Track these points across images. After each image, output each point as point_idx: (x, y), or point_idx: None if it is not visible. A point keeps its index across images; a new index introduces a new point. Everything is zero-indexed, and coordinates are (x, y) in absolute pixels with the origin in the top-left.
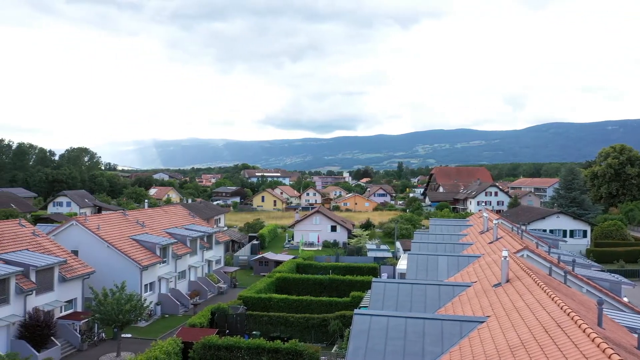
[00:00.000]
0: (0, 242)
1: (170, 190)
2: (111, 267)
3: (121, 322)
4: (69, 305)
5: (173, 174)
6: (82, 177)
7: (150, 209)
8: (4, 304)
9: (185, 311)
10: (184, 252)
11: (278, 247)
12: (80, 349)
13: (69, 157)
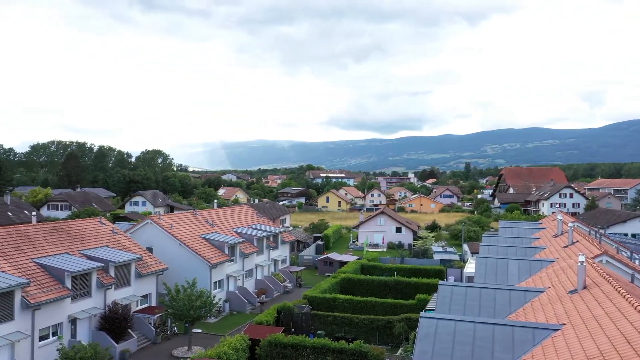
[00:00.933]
0: (83, 239)
1: (238, 191)
2: (183, 264)
3: (192, 317)
4: (144, 299)
5: (241, 174)
6: (156, 177)
7: (219, 208)
8: (87, 297)
9: (252, 309)
10: (251, 251)
11: (342, 248)
12: (154, 341)
13: (144, 159)
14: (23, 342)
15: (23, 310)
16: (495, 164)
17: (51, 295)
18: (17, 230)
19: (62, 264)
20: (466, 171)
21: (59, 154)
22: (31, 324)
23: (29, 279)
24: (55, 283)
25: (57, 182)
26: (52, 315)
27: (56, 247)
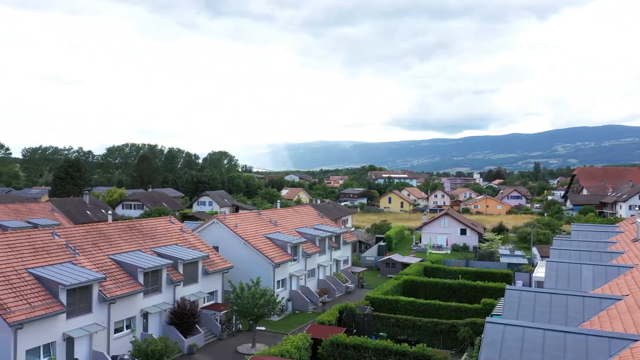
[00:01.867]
0: (154, 237)
1: (301, 191)
2: (247, 263)
3: (256, 315)
4: (210, 296)
5: (303, 175)
6: (222, 178)
7: (282, 208)
8: (157, 293)
9: (314, 308)
10: (314, 251)
11: (405, 249)
12: (220, 337)
13: (210, 160)
14: (100, 333)
15: (100, 303)
16: (567, 164)
17: (125, 290)
18: (95, 228)
19: (135, 261)
20: (535, 171)
21: (132, 156)
22: (107, 317)
23: (105, 274)
24: (129, 278)
25: (131, 183)
26: (126, 309)
27: (130, 244)
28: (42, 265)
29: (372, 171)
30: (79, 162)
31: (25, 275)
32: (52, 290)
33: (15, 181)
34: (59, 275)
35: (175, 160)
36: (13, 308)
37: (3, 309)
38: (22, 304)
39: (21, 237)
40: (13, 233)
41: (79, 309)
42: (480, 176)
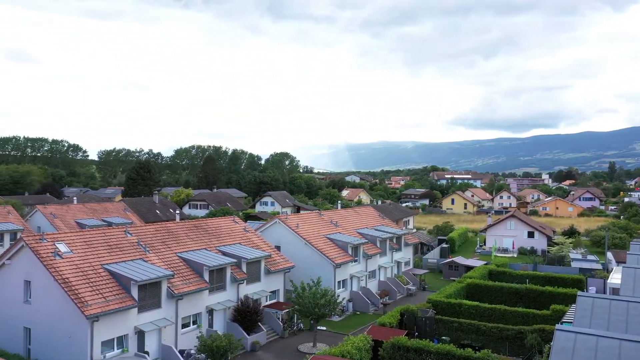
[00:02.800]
0: (219, 236)
1: (361, 192)
2: (308, 262)
3: (317, 315)
4: (272, 295)
5: (364, 176)
6: (284, 179)
7: (343, 209)
8: (222, 290)
9: (375, 310)
10: (374, 252)
11: (468, 252)
12: (282, 336)
13: (272, 161)
14: (169, 328)
15: (168, 299)
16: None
17: (192, 287)
18: (164, 227)
19: (201, 259)
20: (610, 172)
21: (198, 157)
22: (175, 312)
23: (173, 271)
24: (196, 276)
25: (197, 183)
26: (192, 305)
27: (196, 242)
28: (116, 261)
29: (434, 172)
30: (149, 164)
31: (101, 271)
32: (124, 286)
33: (92, 182)
34: (131, 271)
35: (238, 162)
36: (90, 302)
37: (81, 302)
38: (98, 298)
39: (97, 234)
40: (90, 231)
41: (149, 304)
42: (550, 177)
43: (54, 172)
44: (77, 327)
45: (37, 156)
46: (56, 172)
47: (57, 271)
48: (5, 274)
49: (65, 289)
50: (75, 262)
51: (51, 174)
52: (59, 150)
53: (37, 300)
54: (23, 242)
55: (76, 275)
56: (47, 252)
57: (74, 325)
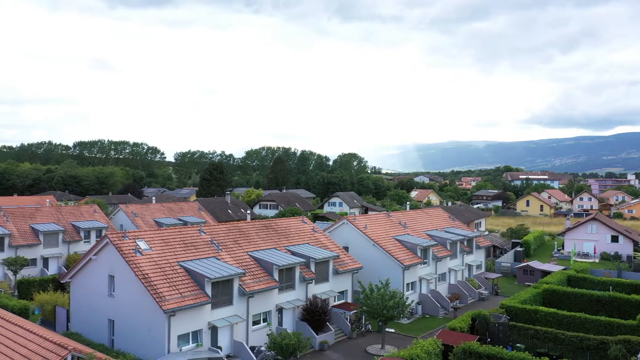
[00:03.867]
0: (288, 236)
1: (431, 193)
2: (376, 264)
3: (385, 316)
4: (340, 295)
5: (433, 176)
6: (352, 180)
7: (412, 210)
8: (291, 289)
9: (445, 313)
10: (444, 255)
11: (545, 256)
12: (350, 336)
13: (340, 162)
14: (240, 324)
15: (240, 297)
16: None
17: (262, 285)
18: (236, 227)
19: (271, 258)
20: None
21: (268, 158)
22: (246, 310)
23: (244, 269)
24: (266, 275)
25: (267, 184)
26: (262, 303)
27: (266, 242)
28: (191, 259)
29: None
30: (221, 165)
31: (177, 268)
32: (199, 282)
33: (169, 182)
34: (205, 268)
35: (307, 162)
36: (167, 297)
37: (159, 297)
38: (174, 294)
39: (174, 233)
40: (167, 229)
41: (221, 300)
42: (636, 177)
43: (134, 173)
44: (155, 321)
45: (119, 158)
46: (137, 173)
47: (138, 267)
48: (92, 268)
49: (145, 284)
50: (154, 258)
51: (132, 175)
52: (139, 152)
53: (120, 294)
54: (107, 239)
55: (155, 271)
56: (128, 249)
57: (152, 319)
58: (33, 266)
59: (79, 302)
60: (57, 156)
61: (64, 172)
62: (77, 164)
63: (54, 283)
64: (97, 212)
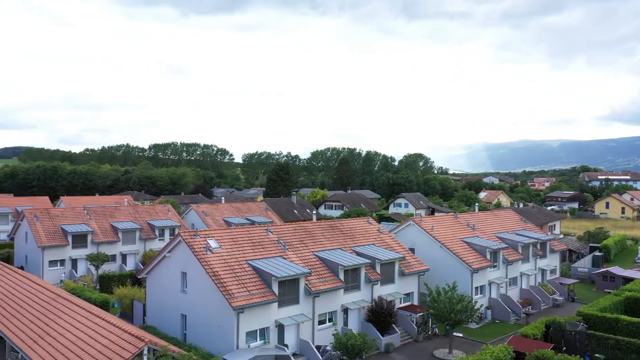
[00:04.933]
0: (353, 237)
1: (501, 194)
2: (443, 266)
3: (453, 320)
4: (406, 297)
5: (503, 177)
6: (417, 180)
7: (481, 212)
8: (356, 290)
9: (516, 319)
10: (515, 258)
11: (627, 262)
12: (416, 339)
13: (406, 162)
14: (306, 323)
15: (306, 296)
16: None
17: (328, 285)
18: (302, 226)
19: (336, 258)
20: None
21: (333, 159)
22: (312, 309)
23: (310, 269)
24: (331, 275)
25: (332, 184)
26: (328, 303)
27: (331, 242)
28: (258, 257)
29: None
30: (287, 166)
31: (245, 266)
32: (266, 281)
33: (237, 183)
34: (272, 267)
35: (372, 163)
36: (236, 294)
37: (229, 294)
38: (243, 292)
39: (242, 232)
40: (236, 228)
41: (288, 299)
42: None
43: (205, 174)
44: (225, 317)
45: (191, 160)
46: (207, 174)
47: (209, 265)
48: (166, 265)
49: (215, 281)
50: (224, 257)
51: (202, 176)
52: (209, 154)
53: (192, 290)
54: (180, 238)
55: (224, 269)
56: (200, 247)
57: (222, 315)
58: (113, 262)
59: (154, 297)
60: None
61: (140, 173)
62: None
63: (131, 278)
64: (170, 211)
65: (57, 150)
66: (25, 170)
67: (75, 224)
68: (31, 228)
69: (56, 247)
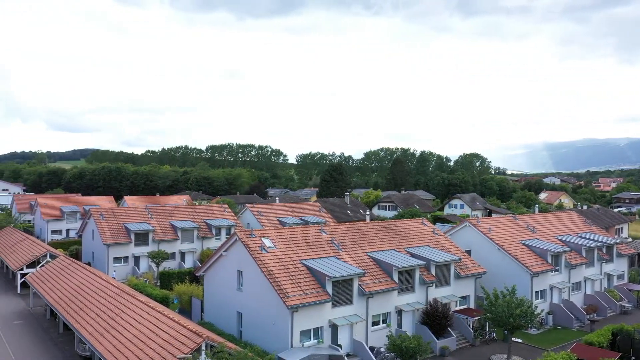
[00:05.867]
0: (407, 238)
1: (563, 195)
2: (501, 269)
3: (511, 325)
4: (462, 301)
5: (565, 177)
6: (474, 181)
7: (541, 214)
8: (410, 292)
9: (580, 326)
10: (579, 262)
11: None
12: (472, 343)
13: (462, 163)
14: (360, 324)
15: (359, 297)
16: None
17: (381, 286)
18: (355, 227)
19: (390, 259)
20: None
21: (386, 159)
22: (365, 310)
23: (364, 270)
24: (385, 276)
25: (385, 185)
26: (382, 304)
27: (385, 243)
28: (312, 257)
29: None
30: (340, 166)
31: (300, 266)
32: (320, 281)
33: (291, 183)
34: (326, 267)
35: (426, 163)
36: (291, 293)
37: (283, 293)
38: (297, 291)
39: (296, 232)
40: (290, 228)
41: (341, 299)
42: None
43: (259, 174)
44: (279, 316)
45: (246, 161)
46: (261, 174)
47: (264, 264)
48: (222, 263)
49: (270, 280)
50: (278, 256)
51: (257, 177)
52: (264, 155)
53: (247, 288)
54: (236, 237)
55: (279, 268)
56: (255, 246)
57: (277, 314)
58: (172, 259)
59: (211, 294)
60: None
61: (198, 174)
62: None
63: (189, 275)
64: (226, 211)
65: (120, 152)
66: (92, 171)
67: (138, 223)
68: (97, 226)
69: (120, 244)
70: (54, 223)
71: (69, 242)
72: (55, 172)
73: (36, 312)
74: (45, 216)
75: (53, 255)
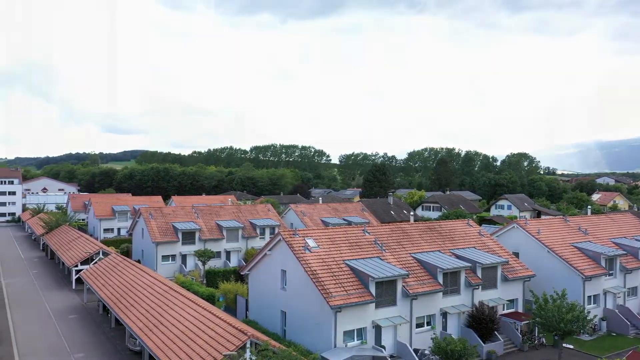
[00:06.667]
0: (453, 239)
1: (617, 196)
2: (550, 272)
3: (562, 330)
4: (510, 304)
5: (620, 177)
6: (522, 181)
7: (594, 215)
8: (456, 294)
9: (636, 333)
10: (635, 267)
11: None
12: (521, 349)
13: (509, 162)
14: (403, 326)
15: (403, 298)
16: None
17: (426, 288)
18: (399, 228)
19: (435, 261)
20: None
21: (431, 159)
22: (409, 311)
23: (408, 271)
24: (429, 277)
25: (429, 185)
26: (426, 306)
27: (430, 244)
28: (355, 258)
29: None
30: (384, 167)
31: (343, 266)
32: (363, 281)
33: (334, 183)
34: (369, 268)
35: (472, 163)
36: (334, 293)
37: (327, 293)
38: (340, 291)
39: (339, 232)
40: (333, 228)
41: (385, 300)
42: None
43: (303, 174)
44: (323, 316)
45: (289, 161)
46: (305, 174)
47: (307, 263)
48: (266, 263)
49: (314, 280)
50: (322, 256)
51: (301, 177)
52: (307, 155)
53: (291, 288)
54: (280, 237)
55: (322, 268)
56: (299, 246)
57: (320, 314)
58: (218, 258)
59: (256, 292)
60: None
61: (243, 174)
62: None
63: (235, 274)
64: (270, 211)
65: (168, 153)
66: (141, 172)
67: (185, 222)
68: (147, 225)
69: (168, 243)
70: (106, 222)
71: (120, 240)
72: (107, 172)
73: (89, 307)
74: (98, 215)
75: (105, 253)
